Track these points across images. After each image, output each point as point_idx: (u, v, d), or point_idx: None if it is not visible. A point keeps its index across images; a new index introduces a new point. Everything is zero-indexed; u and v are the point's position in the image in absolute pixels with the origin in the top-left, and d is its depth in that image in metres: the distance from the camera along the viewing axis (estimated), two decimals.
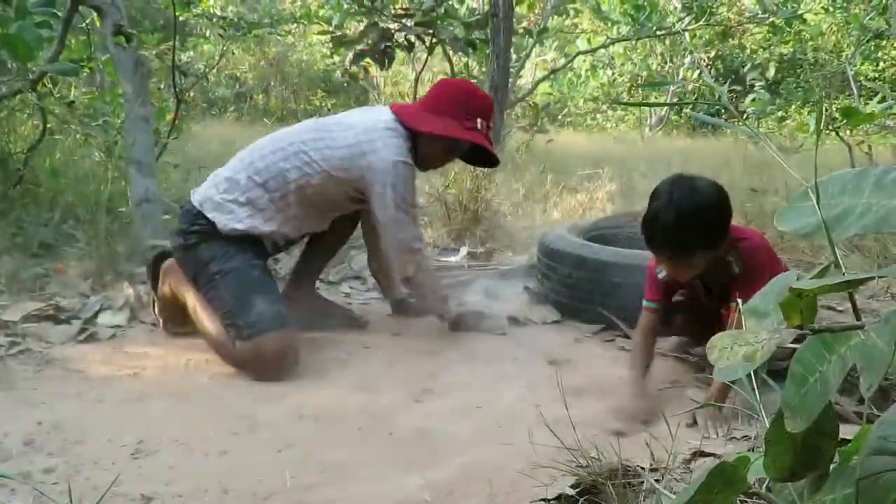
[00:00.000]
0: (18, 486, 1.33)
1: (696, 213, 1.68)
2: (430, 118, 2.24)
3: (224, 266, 2.06)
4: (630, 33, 7.52)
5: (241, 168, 2.19)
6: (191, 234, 2.13)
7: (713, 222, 1.72)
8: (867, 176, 0.69)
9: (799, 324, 0.63)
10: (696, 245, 1.72)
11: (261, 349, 1.93)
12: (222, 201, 2.13)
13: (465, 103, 2.24)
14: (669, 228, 1.69)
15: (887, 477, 0.59)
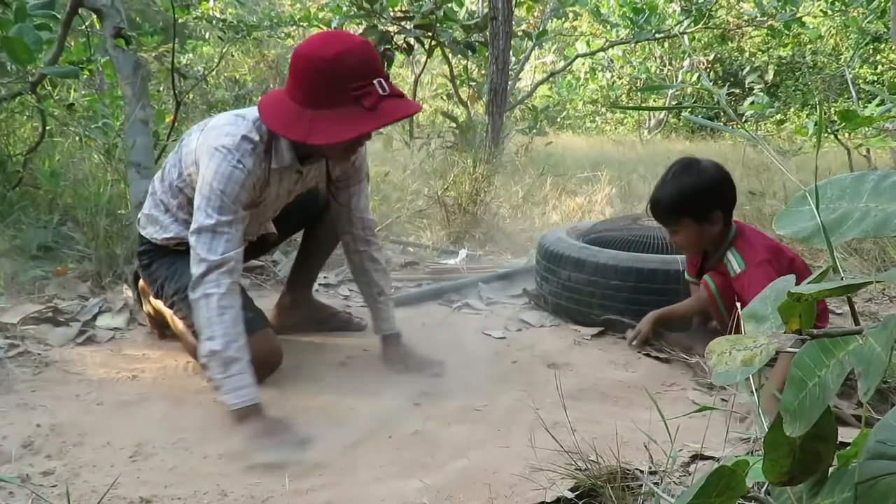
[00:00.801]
0: (17, 489, 1.33)
1: (679, 186, 1.99)
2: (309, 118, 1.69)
3: (178, 285, 1.97)
4: (629, 36, 7.53)
5: (160, 171, 2.10)
6: (142, 255, 2.09)
7: (692, 195, 1.98)
8: (865, 180, 0.70)
9: (798, 328, 0.63)
10: (677, 213, 2.01)
11: None
12: (153, 214, 2.05)
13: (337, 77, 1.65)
14: (657, 196, 2.04)
15: (886, 481, 0.60)
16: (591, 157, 7.46)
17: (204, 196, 1.76)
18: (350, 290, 2.98)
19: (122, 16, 2.99)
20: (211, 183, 1.75)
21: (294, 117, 1.70)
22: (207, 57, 9.74)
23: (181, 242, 2.01)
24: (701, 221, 2.00)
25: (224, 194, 1.75)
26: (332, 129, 1.68)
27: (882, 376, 0.55)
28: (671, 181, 2.03)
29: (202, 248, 1.74)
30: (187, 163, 1.93)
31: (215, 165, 1.76)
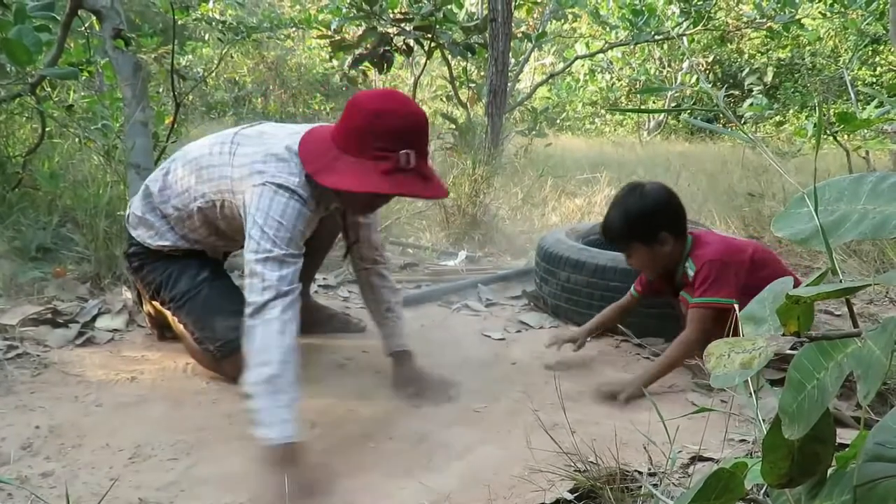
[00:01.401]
0: (16, 491, 1.32)
1: (624, 211, 2.04)
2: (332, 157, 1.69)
3: (174, 293, 1.99)
4: (628, 38, 7.54)
5: (156, 171, 2.08)
6: (132, 258, 2.07)
7: (637, 220, 2.02)
8: (864, 182, 0.70)
9: (796, 331, 0.63)
10: (626, 238, 2.06)
11: (237, 365, 1.72)
12: (146, 219, 2.02)
13: (370, 133, 1.64)
14: (605, 223, 2.10)
15: (884, 483, 0.60)
16: (591, 158, 7.47)
17: (272, 227, 1.68)
18: (349, 292, 2.98)
19: (121, 17, 2.99)
20: (280, 219, 1.69)
21: (322, 152, 1.71)
22: (207, 58, 9.75)
23: (175, 249, 2.02)
24: (650, 244, 2.03)
25: (294, 229, 1.70)
26: (342, 176, 1.67)
27: (882, 379, 0.55)
28: (617, 207, 2.07)
29: (271, 275, 1.64)
30: (221, 188, 1.85)
31: (283, 202, 1.70)
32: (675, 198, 2.08)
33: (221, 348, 1.92)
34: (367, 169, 1.64)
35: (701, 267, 1.99)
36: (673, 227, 2.04)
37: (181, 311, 2.00)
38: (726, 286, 1.95)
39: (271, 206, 1.70)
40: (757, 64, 13.09)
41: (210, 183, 1.88)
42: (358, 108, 1.67)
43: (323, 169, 1.68)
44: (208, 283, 2.02)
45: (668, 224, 2.03)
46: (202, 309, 1.98)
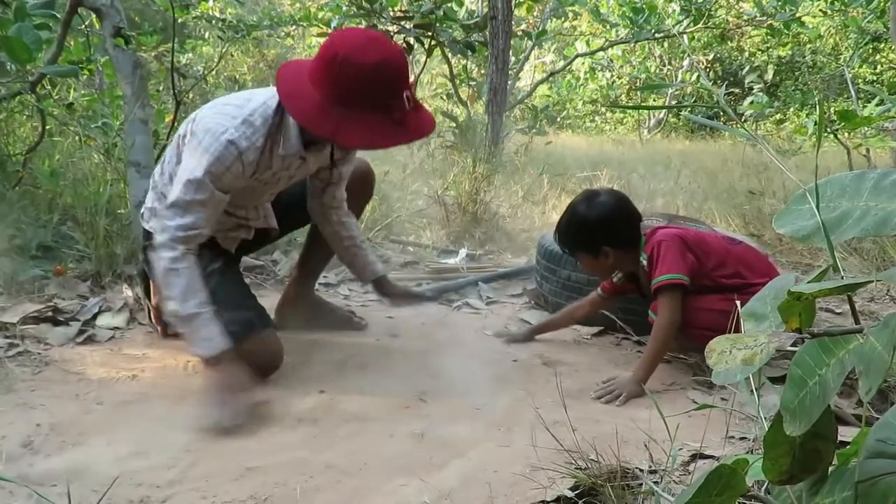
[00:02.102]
0: (17, 489, 1.32)
1: (569, 222, 2.11)
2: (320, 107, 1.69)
3: None
4: (628, 36, 7.53)
5: (159, 164, 2.11)
6: (149, 249, 2.04)
7: (579, 233, 2.10)
8: (865, 179, 0.69)
9: (798, 327, 0.63)
10: (572, 247, 2.14)
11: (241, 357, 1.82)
12: (152, 205, 2.06)
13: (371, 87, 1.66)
14: (556, 230, 2.16)
15: (886, 480, 0.60)
16: (591, 156, 7.47)
17: (187, 170, 1.77)
18: (350, 290, 2.98)
19: (121, 15, 2.99)
20: (200, 159, 1.75)
21: (322, 113, 1.68)
22: (207, 56, 9.74)
23: None
24: (595, 255, 2.10)
25: (208, 174, 1.75)
26: (362, 134, 1.68)
27: (884, 376, 0.55)
28: (565, 215, 2.13)
29: (170, 219, 1.78)
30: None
31: (207, 144, 1.76)
32: (623, 211, 2.09)
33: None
34: (382, 123, 1.68)
35: (650, 253, 2.02)
36: (615, 242, 2.07)
37: None
38: (676, 261, 1.97)
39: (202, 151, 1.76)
40: (757, 62, 13.07)
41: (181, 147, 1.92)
42: (349, 62, 1.64)
43: (336, 130, 1.68)
44: (218, 273, 2.01)
45: (610, 240, 2.07)
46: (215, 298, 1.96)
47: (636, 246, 2.08)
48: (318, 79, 1.69)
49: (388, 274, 2.20)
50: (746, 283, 2.01)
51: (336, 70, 1.66)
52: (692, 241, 2.04)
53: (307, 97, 1.71)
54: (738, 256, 2.09)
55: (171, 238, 1.77)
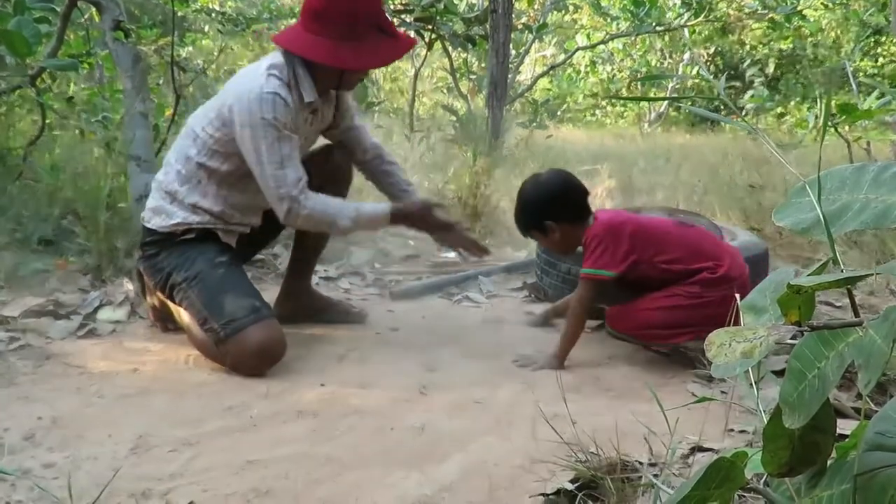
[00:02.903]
0: (18, 482, 1.33)
1: (518, 204, 2.18)
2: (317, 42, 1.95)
3: (188, 273, 2.01)
4: (629, 29, 7.51)
5: (163, 166, 2.18)
6: (148, 245, 2.11)
7: (526, 212, 2.17)
8: (865, 172, 0.69)
9: (797, 320, 0.63)
10: (525, 229, 2.20)
11: (242, 345, 1.90)
12: (158, 205, 2.11)
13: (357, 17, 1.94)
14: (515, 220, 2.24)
15: (885, 472, 0.60)
16: (592, 150, 7.46)
17: (254, 139, 1.93)
18: (350, 283, 2.98)
19: (121, 9, 2.99)
20: (255, 124, 1.92)
21: (331, 49, 1.94)
22: (207, 50, 9.72)
23: (189, 229, 2.06)
24: (544, 232, 2.15)
25: (271, 127, 1.93)
26: (370, 55, 1.99)
27: (883, 369, 0.55)
28: (516, 200, 2.21)
29: (281, 187, 1.96)
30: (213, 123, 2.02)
31: (253, 108, 1.92)
32: (564, 186, 2.15)
33: (226, 326, 1.92)
34: (381, 42, 1.98)
35: (585, 242, 2.11)
36: (557, 217, 2.12)
37: (192, 290, 1.99)
38: (601, 257, 2.05)
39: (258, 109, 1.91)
40: (758, 55, 13.03)
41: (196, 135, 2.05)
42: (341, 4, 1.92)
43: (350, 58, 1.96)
44: (225, 266, 2.05)
45: (552, 215, 2.11)
46: (215, 287, 1.99)
47: (583, 220, 2.14)
48: (313, 27, 1.95)
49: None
50: (686, 269, 2.05)
51: (331, 10, 1.93)
52: (629, 231, 2.08)
53: (312, 43, 1.95)
54: (684, 242, 2.11)
55: (293, 197, 1.97)
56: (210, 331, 1.95)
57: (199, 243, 2.07)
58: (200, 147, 2.05)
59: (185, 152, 2.08)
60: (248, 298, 1.98)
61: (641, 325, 2.11)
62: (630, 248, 2.05)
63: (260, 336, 1.91)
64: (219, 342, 1.94)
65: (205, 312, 1.97)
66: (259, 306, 1.98)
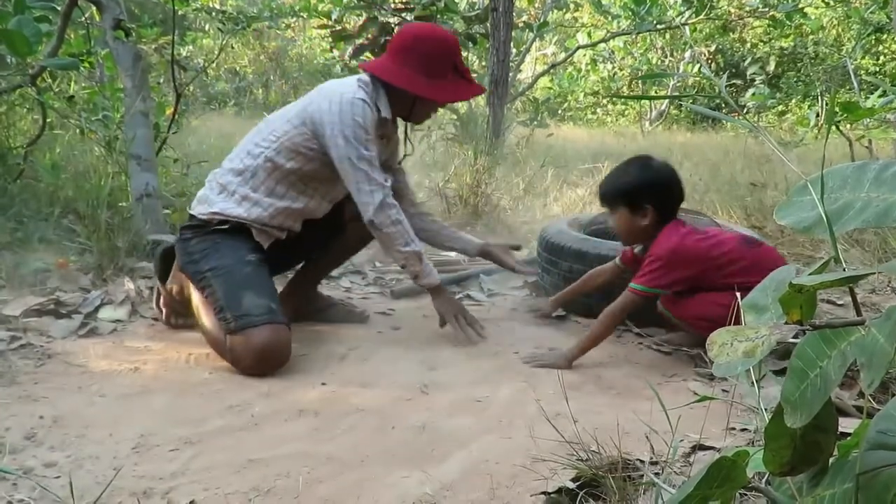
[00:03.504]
0: (20, 481, 1.33)
1: (621, 175, 2.16)
2: (401, 72, 2.14)
3: (216, 263, 2.05)
4: (630, 27, 7.50)
5: (225, 162, 2.26)
6: (185, 230, 2.18)
7: (628, 186, 2.13)
8: (867, 170, 0.69)
9: (799, 319, 0.63)
10: (613, 197, 2.16)
11: (249, 341, 1.91)
12: (203, 194, 2.21)
13: (438, 57, 2.14)
14: (603, 181, 2.22)
15: (887, 471, 0.60)
16: (592, 148, 7.45)
17: (343, 145, 2.07)
18: (351, 283, 2.99)
19: (121, 8, 2.99)
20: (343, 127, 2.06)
21: (413, 79, 2.13)
22: (207, 49, 9.72)
23: (224, 220, 2.12)
24: (633, 212, 2.12)
25: (366, 125, 2.08)
26: (447, 91, 2.18)
27: (886, 368, 0.55)
28: (619, 170, 2.20)
29: (375, 172, 2.11)
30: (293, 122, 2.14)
31: (344, 109, 2.07)
32: (672, 180, 2.13)
33: (240, 319, 1.94)
34: (460, 82, 2.19)
35: (649, 256, 2.08)
36: (659, 206, 2.10)
37: (216, 280, 2.03)
38: (656, 278, 2.04)
39: (349, 114, 2.07)
40: (759, 53, 13.03)
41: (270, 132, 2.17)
42: (423, 39, 2.14)
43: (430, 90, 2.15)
44: (252, 265, 2.09)
45: (655, 201, 2.09)
46: (238, 282, 2.02)
47: (666, 221, 2.12)
48: (401, 60, 2.14)
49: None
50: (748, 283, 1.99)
51: (414, 46, 2.13)
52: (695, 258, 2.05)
53: (393, 70, 2.15)
54: (752, 263, 2.06)
55: (386, 195, 2.12)
56: (223, 320, 1.97)
57: (232, 237, 2.12)
58: (272, 143, 2.14)
59: (252, 148, 2.17)
60: (267, 299, 2.01)
61: (697, 315, 2.08)
62: (692, 275, 2.05)
63: (267, 337, 1.92)
64: (228, 332, 1.96)
65: (223, 303, 1.99)
66: (275, 309, 2.00)
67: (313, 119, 2.10)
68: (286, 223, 2.22)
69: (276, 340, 1.95)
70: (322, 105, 2.09)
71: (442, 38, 2.17)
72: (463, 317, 2.28)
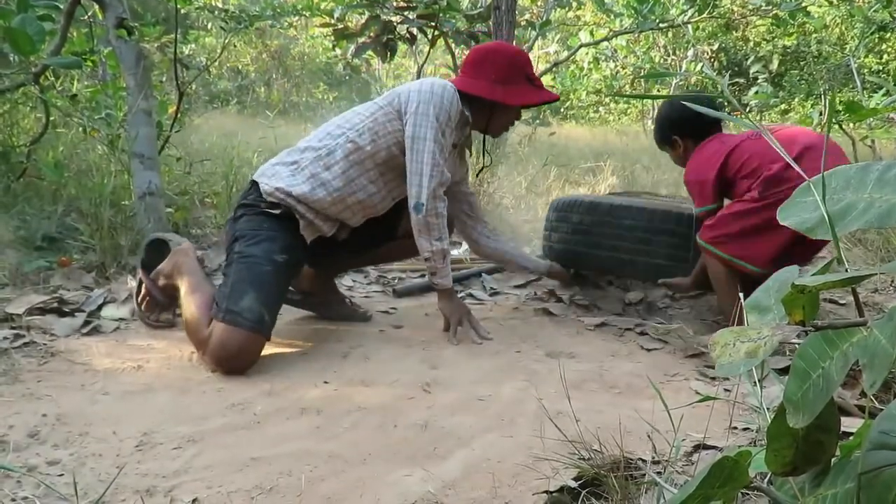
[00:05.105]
0: (24, 478, 1.33)
1: (655, 121, 2.51)
2: (476, 83, 2.25)
3: (246, 249, 2.07)
4: (633, 26, 7.49)
5: (301, 142, 2.30)
6: (239, 207, 2.21)
7: (658, 127, 2.48)
8: (870, 171, 0.69)
9: (801, 320, 0.63)
10: (659, 141, 2.50)
11: (221, 336, 1.91)
12: (270, 167, 2.25)
13: (510, 66, 2.26)
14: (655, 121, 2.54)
15: (889, 472, 0.60)
16: (595, 147, 7.45)
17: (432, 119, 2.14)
18: (353, 281, 2.99)
19: (124, 6, 2.99)
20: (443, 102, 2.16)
21: (489, 89, 2.24)
22: (210, 47, 9.73)
23: (276, 204, 2.13)
24: (672, 147, 2.44)
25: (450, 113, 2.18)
26: (520, 97, 2.26)
27: (888, 369, 0.55)
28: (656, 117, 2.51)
29: (441, 158, 2.17)
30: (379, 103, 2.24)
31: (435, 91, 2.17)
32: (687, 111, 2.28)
33: (229, 313, 1.94)
34: (530, 89, 2.28)
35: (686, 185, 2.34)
36: (683, 134, 2.38)
37: (237, 265, 2.05)
38: (699, 200, 2.26)
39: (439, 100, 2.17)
40: (762, 52, 13.01)
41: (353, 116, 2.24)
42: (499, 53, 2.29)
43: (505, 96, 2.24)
44: (275, 266, 2.07)
45: (679, 131, 2.38)
46: (251, 280, 2.01)
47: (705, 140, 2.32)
48: (474, 72, 2.27)
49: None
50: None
51: (486, 59, 2.27)
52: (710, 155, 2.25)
53: (470, 83, 2.26)
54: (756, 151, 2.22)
55: (441, 185, 2.19)
56: (217, 304, 1.98)
57: (276, 226, 2.13)
58: (356, 124, 2.21)
59: (333, 129, 2.23)
60: (264, 308, 1.99)
61: (713, 235, 2.19)
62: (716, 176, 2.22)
63: (242, 342, 1.91)
64: (215, 317, 1.97)
65: (225, 290, 2.00)
66: (267, 321, 1.98)
67: (400, 98, 2.19)
68: (344, 214, 2.23)
69: (248, 350, 1.94)
70: (413, 87, 2.20)
71: (511, 50, 2.32)
72: (468, 321, 2.29)
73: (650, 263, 2.38)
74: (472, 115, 2.30)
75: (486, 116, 2.33)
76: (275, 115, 7.40)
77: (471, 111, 2.29)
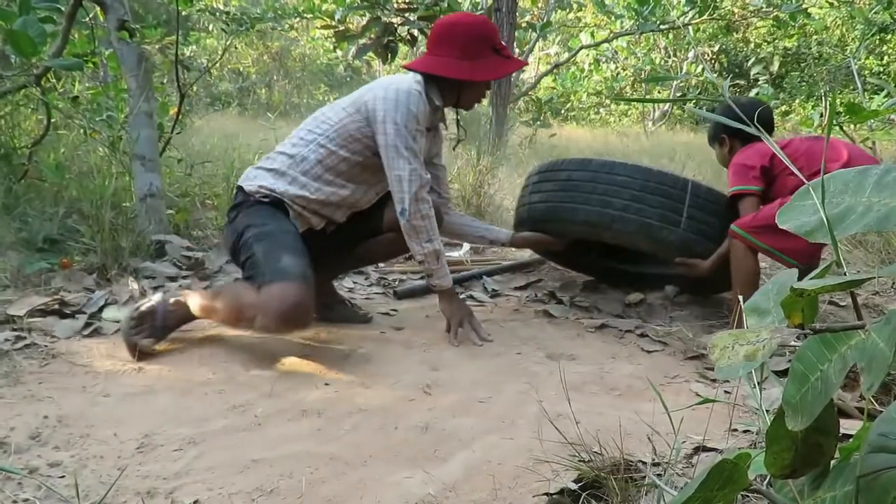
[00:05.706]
0: (25, 480, 1.34)
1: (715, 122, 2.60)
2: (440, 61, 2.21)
3: (259, 229, 2.10)
4: (633, 27, 7.50)
5: (277, 146, 2.33)
6: (232, 210, 2.24)
7: (711, 127, 2.67)
8: (869, 174, 0.69)
9: (800, 323, 0.63)
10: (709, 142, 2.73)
11: (284, 293, 1.90)
12: (252, 171, 2.28)
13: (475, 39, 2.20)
14: None
15: (888, 474, 0.60)
16: (595, 148, 7.45)
17: (391, 132, 2.13)
18: (354, 283, 2.99)
19: (125, 8, 2.99)
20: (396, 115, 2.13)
21: (454, 66, 2.19)
22: (211, 49, 9.74)
23: (266, 196, 2.18)
24: (720, 145, 2.60)
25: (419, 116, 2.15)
26: (487, 70, 2.21)
27: (886, 371, 0.55)
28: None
29: (417, 163, 2.16)
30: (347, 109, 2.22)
31: (400, 98, 2.14)
32: (745, 109, 2.31)
33: (276, 273, 1.95)
34: (498, 61, 2.24)
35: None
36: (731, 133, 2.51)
37: (258, 245, 2.06)
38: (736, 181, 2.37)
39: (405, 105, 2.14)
40: (763, 53, 13.01)
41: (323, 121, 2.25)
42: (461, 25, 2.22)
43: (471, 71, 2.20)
44: (293, 234, 2.15)
45: (727, 131, 2.51)
46: (280, 246, 2.05)
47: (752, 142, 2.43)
48: (438, 50, 2.22)
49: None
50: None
51: (449, 34, 2.21)
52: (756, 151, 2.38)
53: (434, 62, 2.22)
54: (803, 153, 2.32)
55: (422, 188, 2.17)
56: (258, 276, 1.98)
57: (273, 209, 2.17)
58: (326, 130, 2.22)
59: (305, 135, 2.25)
60: (304, 264, 2.03)
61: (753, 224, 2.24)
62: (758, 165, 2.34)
63: (300, 294, 1.92)
64: (263, 285, 1.95)
65: (261, 261, 2.01)
66: (309, 276, 2.01)
67: (367, 106, 2.17)
68: (327, 211, 2.26)
69: (305, 302, 1.94)
70: (378, 93, 2.16)
71: (474, 22, 2.24)
72: (469, 322, 2.29)
73: (641, 222, 2.31)
74: (441, 94, 2.27)
75: (456, 93, 2.29)
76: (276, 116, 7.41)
77: (439, 91, 2.26)
